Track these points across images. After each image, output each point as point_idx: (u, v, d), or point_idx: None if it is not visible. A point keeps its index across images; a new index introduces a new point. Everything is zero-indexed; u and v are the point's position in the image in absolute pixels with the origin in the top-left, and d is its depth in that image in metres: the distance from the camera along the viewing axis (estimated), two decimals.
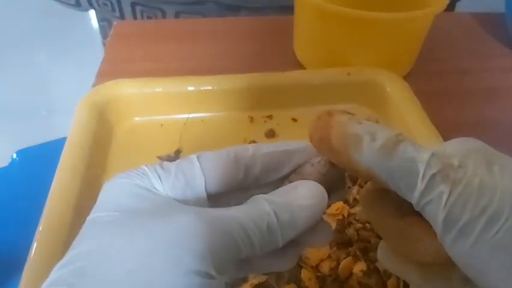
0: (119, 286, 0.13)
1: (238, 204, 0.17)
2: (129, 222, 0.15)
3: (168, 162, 0.18)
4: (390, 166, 0.14)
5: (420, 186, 0.13)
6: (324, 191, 0.17)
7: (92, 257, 0.14)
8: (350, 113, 0.17)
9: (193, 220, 0.14)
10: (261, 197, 0.16)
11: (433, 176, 0.13)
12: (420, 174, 0.13)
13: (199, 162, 0.17)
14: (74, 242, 0.15)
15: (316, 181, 0.17)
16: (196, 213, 0.15)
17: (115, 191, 0.16)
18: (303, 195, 0.16)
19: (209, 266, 0.14)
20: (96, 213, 0.15)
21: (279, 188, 0.17)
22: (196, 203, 0.17)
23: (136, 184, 0.16)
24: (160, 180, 0.17)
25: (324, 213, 0.20)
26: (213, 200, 0.18)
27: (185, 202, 0.17)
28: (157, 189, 0.16)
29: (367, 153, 0.14)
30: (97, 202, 0.16)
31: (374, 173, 0.15)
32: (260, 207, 0.15)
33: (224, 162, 0.17)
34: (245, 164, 0.17)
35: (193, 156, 0.18)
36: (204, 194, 0.17)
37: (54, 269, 0.14)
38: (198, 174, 0.17)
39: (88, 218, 0.16)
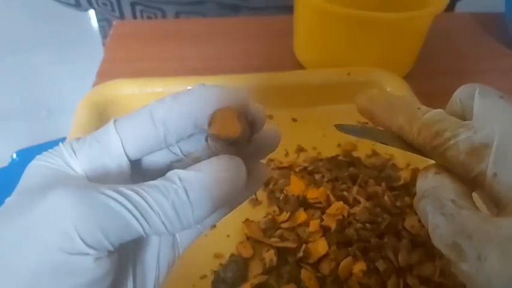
0: None
1: (165, 169, 0.16)
2: (14, 206, 0.15)
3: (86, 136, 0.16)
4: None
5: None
6: (241, 162, 0.15)
7: None
8: None
9: (62, 197, 0.14)
10: (174, 173, 0.15)
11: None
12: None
13: (115, 126, 0.16)
14: None
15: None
16: (73, 190, 0.14)
17: (27, 173, 0.16)
18: (219, 169, 0.15)
19: (77, 243, 0.13)
20: (7, 198, 0.15)
21: (198, 163, 0.15)
22: (119, 170, 0.16)
23: (44, 164, 0.16)
24: (75, 154, 0.16)
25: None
26: (143, 167, 0.18)
27: (106, 172, 0.16)
28: (69, 166, 0.16)
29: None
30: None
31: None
32: (167, 185, 0.14)
33: (140, 120, 0.16)
34: (162, 117, 0.16)
35: (110, 121, 0.16)
36: (125, 159, 0.16)
37: None
38: (113, 137, 0.16)
39: None
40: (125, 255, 0.17)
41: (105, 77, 0.45)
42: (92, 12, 0.69)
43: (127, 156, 0.16)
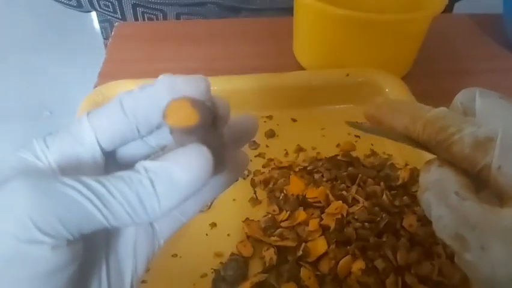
0: None
1: (139, 159, 0.16)
2: None
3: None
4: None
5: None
6: (207, 150, 0.15)
7: None
8: None
9: (18, 186, 0.14)
10: (140, 164, 0.15)
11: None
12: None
13: (88, 118, 0.16)
14: None
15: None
16: (30, 179, 0.14)
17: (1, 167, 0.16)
18: (185, 158, 0.15)
19: (31, 231, 0.13)
20: None
21: (165, 154, 0.15)
22: (93, 162, 0.16)
23: (14, 159, 0.16)
24: (48, 148, 0.16)
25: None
26: (120, 160, 0.18)
27: (79, 164, 0.16)
28: (39, 159, 0.16)
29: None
30: None
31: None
32: (132, 175, 0.14)
33: (111, 111, 0.16)
34: (131, 108, 0.16)
35: (84, 114, 0.17)
36: (98, 150, 0.16)
37: None
38: (85, 129, 0.16)
39: None
40: (95, 246, 0.17)
41: (107, 77, 0.45)
42: (93, 14, 0.70)
43: (100, 147, 0.16)
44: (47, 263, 0.13)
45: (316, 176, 0.36)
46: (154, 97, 0.16)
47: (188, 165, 0.15)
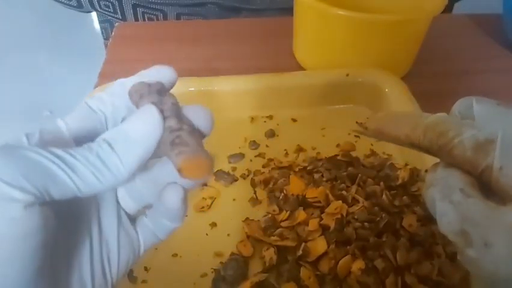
0: None
1: None
2: None
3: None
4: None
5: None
6: (155, 108, 0.17)
7: None
8: None
9: None
10: (100, 136, 0.16)
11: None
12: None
13: (61, 119, 0.18)
14: None
15: None
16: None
17: None
18: (135, 117, 0.17)
19: (8, 190, 0.14)
20: None
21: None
22: None
23: None
24: (28, 142, 0.17)
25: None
26: None
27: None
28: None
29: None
30: None
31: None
32: (92, 144, 0.16)
33: (80, 110, 0.19)
34: (97, 106, 0.19)
35: (59, 120, 0.18)
36: (72, 143, 0.18)
37: None
38: (60, 125, 0.18)
39: None
40: (82, 230, 0.18)
41: (107, 77, 0.45)
42: (94, 14, 0.70)
43: (74, 139, 0.18)
44: (22, 223, 0.14)
45: (316, 176, 0.36)
46: (119, 95, 0.19)
47: (139, 120, 0.17)
